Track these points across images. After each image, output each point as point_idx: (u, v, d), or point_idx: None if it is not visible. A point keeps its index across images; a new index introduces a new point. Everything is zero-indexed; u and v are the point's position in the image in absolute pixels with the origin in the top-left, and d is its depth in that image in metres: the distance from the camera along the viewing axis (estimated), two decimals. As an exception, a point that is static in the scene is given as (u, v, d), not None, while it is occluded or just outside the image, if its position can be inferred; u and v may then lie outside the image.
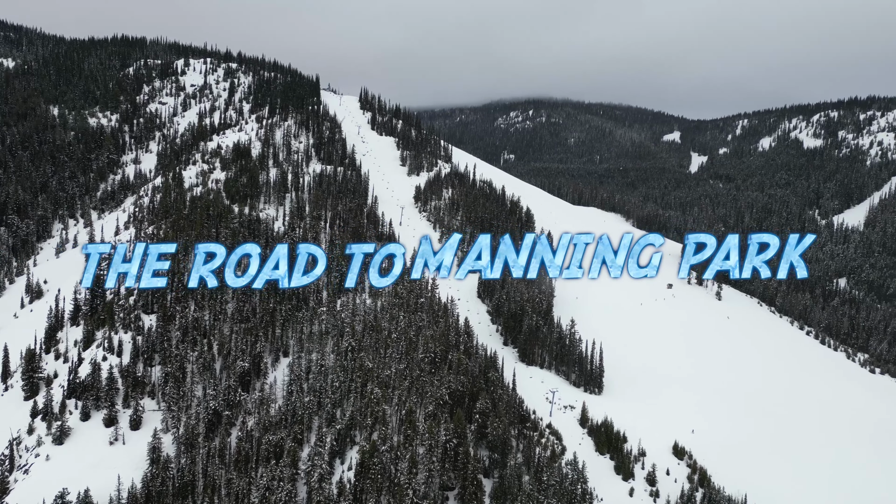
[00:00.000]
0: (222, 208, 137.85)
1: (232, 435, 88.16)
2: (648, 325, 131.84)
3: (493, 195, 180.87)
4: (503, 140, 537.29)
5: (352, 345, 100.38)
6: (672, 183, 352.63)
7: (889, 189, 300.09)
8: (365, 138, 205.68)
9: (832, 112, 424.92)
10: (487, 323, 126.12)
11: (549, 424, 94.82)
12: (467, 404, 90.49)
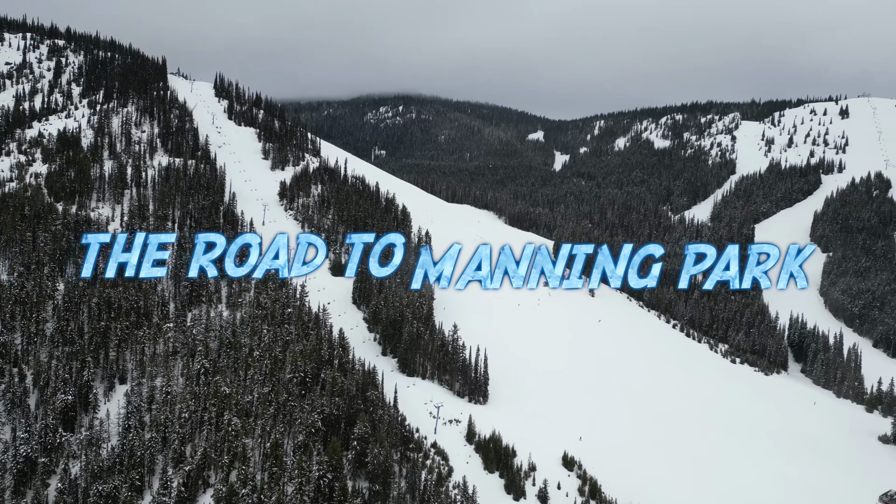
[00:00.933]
0: (42, 207, 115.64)
1: (51, 486, 71.85)
2: (529, 327, 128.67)
3: (366, 192, 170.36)
4: (374, 135, 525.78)
5: (205, 366, 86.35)
6: (539, 181, 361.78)
7: (729, 186, 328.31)
8: (221, 128, 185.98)
9: (677, 115, 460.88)
10: (364, 331, 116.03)
11: (434, 443, 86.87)
12: (343, 430, 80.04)
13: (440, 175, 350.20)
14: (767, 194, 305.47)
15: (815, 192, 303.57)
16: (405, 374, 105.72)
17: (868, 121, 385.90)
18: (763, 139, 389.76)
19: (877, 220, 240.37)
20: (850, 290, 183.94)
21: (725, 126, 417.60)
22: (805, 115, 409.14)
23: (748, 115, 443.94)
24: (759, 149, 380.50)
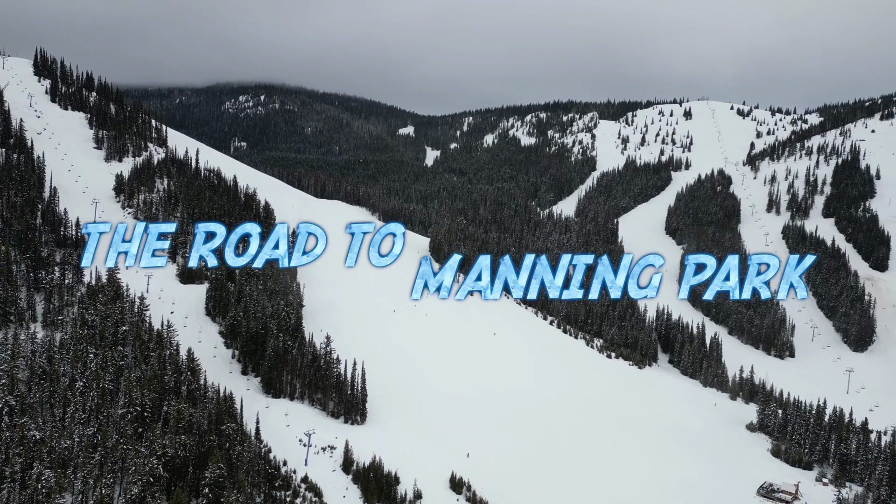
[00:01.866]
0: None
1: None
2: (407, 332, 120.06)
3: (222, 187, 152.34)
4: (233, 126, 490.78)
5: (8, 405, 68.60)
6: (411, 176, 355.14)
7: (591, 182, 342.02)
8: (41, 112, 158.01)
9: (541, 114, 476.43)
10: (220, 348, 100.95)
11: (305, 477, 75.37)
12: (193, 474, 66.32)
13: (308, 169, 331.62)
14: (626, 190, 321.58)
15: (667, 187, 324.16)
16: (270, 395, 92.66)
17: (708, 122, 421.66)
18: (619, 138, 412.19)
19: (722, 213, 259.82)
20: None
21: (585, 125, 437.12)
22: (654, 116, 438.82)
23: (605, 115, 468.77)
24: (617, 147, 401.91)
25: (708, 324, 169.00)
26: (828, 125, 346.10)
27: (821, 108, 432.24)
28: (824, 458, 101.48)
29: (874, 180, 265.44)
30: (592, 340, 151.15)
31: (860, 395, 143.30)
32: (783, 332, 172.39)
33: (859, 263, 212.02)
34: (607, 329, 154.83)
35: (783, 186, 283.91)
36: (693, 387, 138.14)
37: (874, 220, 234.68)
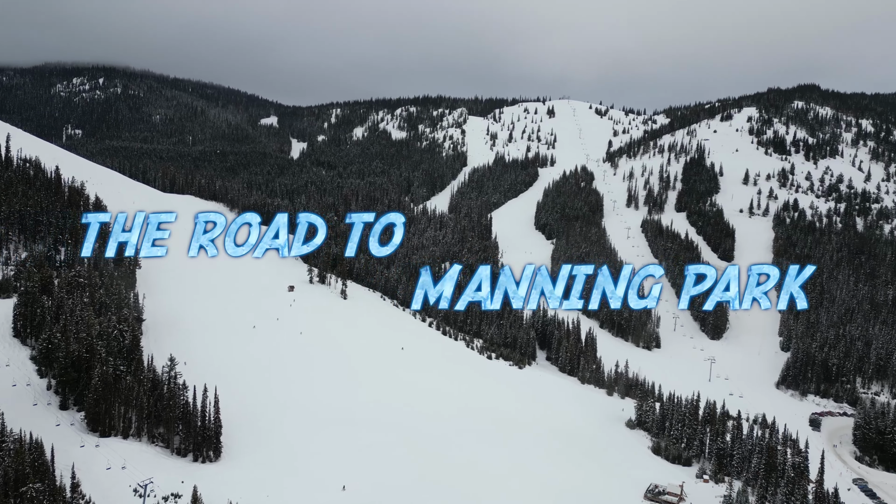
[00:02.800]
0: None
1: None
2: (272, 345, 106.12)
3: (41, 179, 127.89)
4: (66, 112, 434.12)
5: None
6: (276, 169, 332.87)
7: (463, 178, 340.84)
8: None
9: (412, 108, 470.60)
10: (33, 378, 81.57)
11: (141, 540, 60.49)
12: (-26, 562, 49.66)
13: (155, 160, 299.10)
14: (497, 185, 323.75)
15: (534, 183, 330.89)
16: (98, 433, 75.62)
17: (570, 120, 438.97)
18: (488, 134, 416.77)
19: (587, 208, 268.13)
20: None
21: (455, 120, 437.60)
22: (520, 113, 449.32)
23: (474, 111, 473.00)
24: (486, 143, 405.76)
25: (582, 318, 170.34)
26: (676, 125, 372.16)
27: (667, 110, 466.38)
28: (701, 453, 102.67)
29: (718, 177, 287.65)
30: (473, 341, 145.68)
31: (721, 382, 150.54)
32: (650, 323, 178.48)
33: (710, 254, 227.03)
34: (486, 328, 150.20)
35: (640, 182, 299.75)
36: (572, 384, 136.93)
37: (720, 213, 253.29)
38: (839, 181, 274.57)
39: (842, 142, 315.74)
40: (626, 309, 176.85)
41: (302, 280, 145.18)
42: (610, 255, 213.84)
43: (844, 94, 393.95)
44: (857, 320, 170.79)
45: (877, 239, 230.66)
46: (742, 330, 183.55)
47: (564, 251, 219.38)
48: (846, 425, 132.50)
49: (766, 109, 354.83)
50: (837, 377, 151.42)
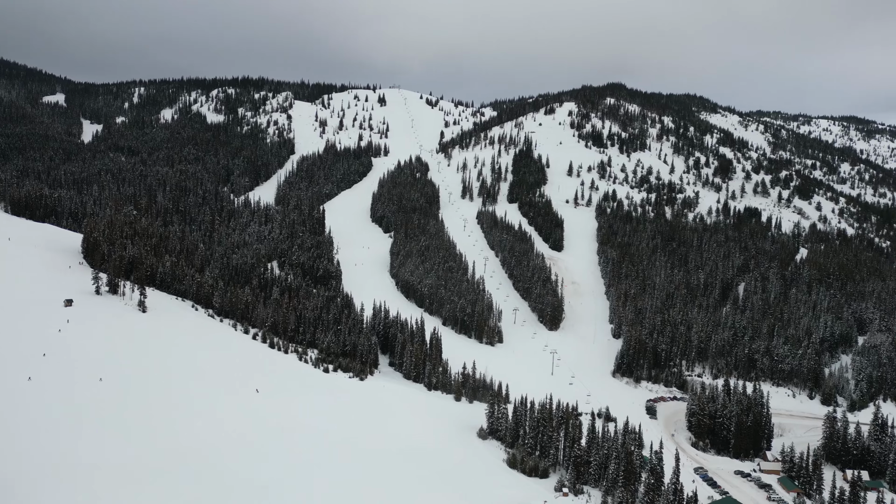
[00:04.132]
0: None
1: None
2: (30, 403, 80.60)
3: None
4: None
5: None
6: (61, 154, 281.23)
7: (291, 167, 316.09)
8: None
9: (230, 89, 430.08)
10: None
11: None
12: None
13: None
14: (328, 175, 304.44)
15: (369, 173, 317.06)
16: None
17: (402, 109, 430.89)
18: (317, 120, 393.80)
19: (424, 200, 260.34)
20: (417, 271, 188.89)
21: (280, 104, 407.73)
22: (350, 101, 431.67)
23: (300, 96, 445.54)
24: (315, 129, 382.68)
25: (425, 316, 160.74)
26: (504, 118, 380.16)
27: (493, 103, 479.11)
28: (557, 462, 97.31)
29: (545, 168, 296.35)
30: (306, 353, 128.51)
31: (563, 373, 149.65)
32: (491, 318, 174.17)
33: (542, 245, 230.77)
34: (322, 336, 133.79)
35: (474, 174, 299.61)
36: (418, 392, 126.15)
37: (549, 204, 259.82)
38: (649, 173, 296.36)
39: (649, 136, 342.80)
40: (469, 305, 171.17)
41: (85, 291, 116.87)
42: (449, 249, 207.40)
43: (646, 94, 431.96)
44: (678, 305, 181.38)
45: (683, 226, 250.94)
46: (577, 319, 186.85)
47: (404, 245, 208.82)
48: (679, 409, 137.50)
49: (584, 105, 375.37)
50: (666, 362, 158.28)
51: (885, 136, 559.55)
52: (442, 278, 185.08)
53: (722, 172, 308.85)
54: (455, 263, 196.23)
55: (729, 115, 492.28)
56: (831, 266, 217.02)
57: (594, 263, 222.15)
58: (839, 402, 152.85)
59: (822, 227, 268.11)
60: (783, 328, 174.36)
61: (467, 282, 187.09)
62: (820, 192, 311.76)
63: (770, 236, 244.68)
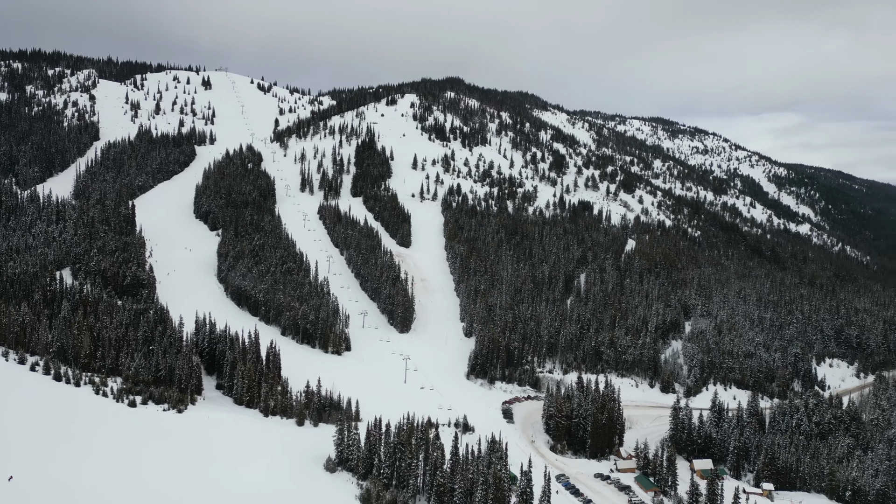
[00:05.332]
0: None
1: None
2: None
3: None
4: None
5: None
6: None
7: (95, 155, 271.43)
8: None
9: (15, 63, 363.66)
10: None
11: None
12: None
13: None
14: (142, 165, 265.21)
15: (192, 163, 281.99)
16: None
17: (230, 94, 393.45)
18: (128, 102, 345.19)
19: (257, 193, 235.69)
20: (250, 274, 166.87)
21: (81, 83, 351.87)
22: (169, 82, 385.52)
23: (107, 74, 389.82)
24: (126, 113, 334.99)
25: (260, 327, 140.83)
26: (344, 107, 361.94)
27: (332, 92, 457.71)
28: (419, 493, 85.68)
29: (390, 161, 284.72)
30: (105, 383, 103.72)
31: (417, 380, 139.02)
32: (338, 324, 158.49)
33: (389, 241, 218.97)
34: (128, 361, 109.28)
35: (313, 165, 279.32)
36: (253, 421, 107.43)
37: (395, 198, 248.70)
38: (491, 167, 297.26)
39: (489, 131, 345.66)
40: (311, 310, 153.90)
41: None
42: (288, 247, 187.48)
43: (484, 89, 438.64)
44: (526, 300, 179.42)
45: (525, 220, 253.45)
46: (428, 318, 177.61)
47: (234, 244, 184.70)
48: (535, 409, 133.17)
49: (425, 97, 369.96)
50: (519, 360, 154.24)
51: (686, 135, 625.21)
52: (280, 281, 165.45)
53: (557, 167, 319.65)
54: (295, 264, 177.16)
55: (558, 112, 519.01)
56: (657, 256, 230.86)
57: (443, 259, 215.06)
58: (676, 389, 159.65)
59: (645, 219, 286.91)
60: (623, 318, 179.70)
61: (309, 284, 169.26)
62: (640, 186, 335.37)
63: (603, 228, 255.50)
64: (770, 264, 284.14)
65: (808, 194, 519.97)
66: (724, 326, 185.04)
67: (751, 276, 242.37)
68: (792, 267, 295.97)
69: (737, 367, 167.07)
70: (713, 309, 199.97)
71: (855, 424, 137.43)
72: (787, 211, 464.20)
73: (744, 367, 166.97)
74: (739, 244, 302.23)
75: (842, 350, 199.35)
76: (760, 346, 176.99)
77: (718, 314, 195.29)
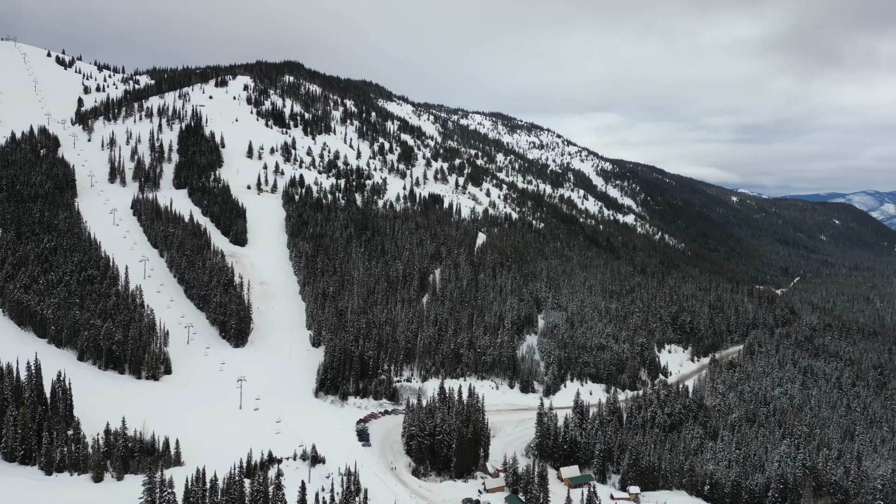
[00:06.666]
0: None
1: None
2: None
3: None
4: None
5: None
6: None
7: None
8: None
9: None
10: None
11: None
12: None
13: None
14: None
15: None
16: None
17: (20, 68, 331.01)
18: None
19: (52, 185, 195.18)
20: (36, 285, 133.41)
21: None
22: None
23: None
24: None
25: (49, 353, 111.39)
26: (165, 87, 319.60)
27: (151, 71, 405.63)
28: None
29: (220, 148, 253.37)
30: None
31: (256, 404, 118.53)
32: (154, 342, 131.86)
33: (221, 240, 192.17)
34: None
35: (126, 152, 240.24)
36: (30, 483, 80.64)
37: (227, 191, 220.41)
38: (336, 157, 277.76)
39: (333, 119, 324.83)
40: (118, 327, 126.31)
41: None
42: (89, 250, 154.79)
43: (326, 76, 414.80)
44: (380, 302, 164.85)
45: (375, 214, 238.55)
46: (269, 328, 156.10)
47: (14, 248, 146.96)
48: (394, 426, 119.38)
49: (261, 80, 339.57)
50: (374, 371, 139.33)
51: (524, 131, 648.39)
52: (76, 293, 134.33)
53: (405, 159, 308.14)
54: (98, 270, 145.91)
55: (404, 104, 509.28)
56: (507, 249, 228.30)
57: (285, 259, 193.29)
58: (536, 388, 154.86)
59: (493, 212, 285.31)
60: (480, 316, 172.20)
61: (117, 295, 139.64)
62: (487, 179, 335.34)
63: (454, 222, 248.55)
64: (607, 254, 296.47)
65: (631, 187, 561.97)
66: (576, 319, 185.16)
67: (592, 267, 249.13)
68: (625, 256, 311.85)
69: (591, 360, 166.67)
70: (563, 301, 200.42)
71: (702, 413, 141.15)
72: (615, 203, 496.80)
73: (598, 361, 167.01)
74: (579, 235, 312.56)
75: (678, 336, 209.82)
76: (611, 337, 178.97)
77: (568, 306, 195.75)
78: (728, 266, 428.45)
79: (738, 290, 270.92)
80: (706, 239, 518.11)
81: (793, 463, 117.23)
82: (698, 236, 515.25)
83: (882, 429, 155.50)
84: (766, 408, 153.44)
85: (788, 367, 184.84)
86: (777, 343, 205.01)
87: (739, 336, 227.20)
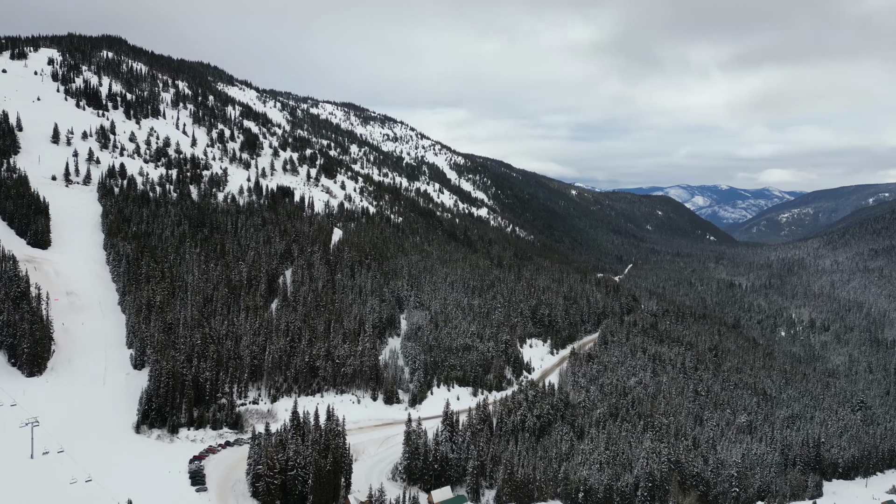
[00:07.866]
0: None
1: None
2: None
3: None
4: None
5: None
6: None
7: None
8: None
9: None
10: None
11: None
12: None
13: None
14: None
15: None
16: None
17: None
18: None
19: None
20: None
21: None
22: None
23: None
24: None
25: None
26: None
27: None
28: None
29: (17, 132, 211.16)
30: None
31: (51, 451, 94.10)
32: None
33: (15, 241, 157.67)
34: None
35: None
36: None
37: (24, 182, 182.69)
38: (167, 144, 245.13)
39: (162, 102, 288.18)
40: None
41: None
42: None
43: (154, 54, 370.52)
44: (220, 311, 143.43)
45: (214, 208, 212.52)
46: (77, 350, 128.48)
47: None
48: (237, 461, 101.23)
49: (72, 54, 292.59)
50: (212, 395, 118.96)
51: (377, 122, 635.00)
52: None
53: (249, 148, 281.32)
54: None
55: (247, 89, 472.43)
56: (366, 245, 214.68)
57: (101, 263, 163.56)
58: (401, 398, 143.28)
59: (350, 206, 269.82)
60: (338, 322, 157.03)
61: None
62: (342, 171, 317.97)
63: (307, 217, 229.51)
64: (465, 248, 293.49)
65: (482, 181, 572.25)
66: (440, 318, 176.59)
67: (451, 261, 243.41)
68: (481, 249, 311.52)
69: (458, 363, 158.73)
70: (425, 299, 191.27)
71: (570, 411, 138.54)
72: (468, 196, 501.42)
73: (464, 363, 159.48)
74: (437, 229, 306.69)
75: (538, 329, 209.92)
76: (476, 336, 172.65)
77: (431, 304, 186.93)
78: (573, 256, 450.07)
79: (586, 279, 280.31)
80: (552, 231, 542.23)
81: (658, 458, 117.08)
82: (545, 228, 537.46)
83: (725, 411, 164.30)
84: (626, 399, 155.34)
85: (639, 356, 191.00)
86: (627, 332, 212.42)
87: (592, 325, 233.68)
